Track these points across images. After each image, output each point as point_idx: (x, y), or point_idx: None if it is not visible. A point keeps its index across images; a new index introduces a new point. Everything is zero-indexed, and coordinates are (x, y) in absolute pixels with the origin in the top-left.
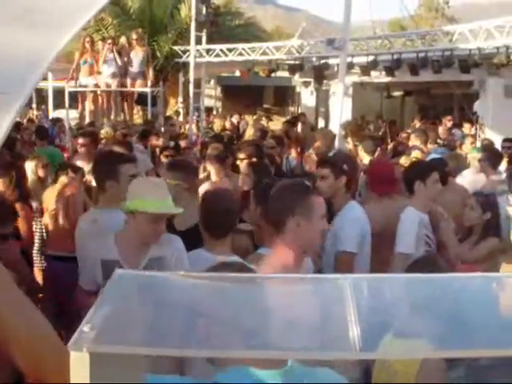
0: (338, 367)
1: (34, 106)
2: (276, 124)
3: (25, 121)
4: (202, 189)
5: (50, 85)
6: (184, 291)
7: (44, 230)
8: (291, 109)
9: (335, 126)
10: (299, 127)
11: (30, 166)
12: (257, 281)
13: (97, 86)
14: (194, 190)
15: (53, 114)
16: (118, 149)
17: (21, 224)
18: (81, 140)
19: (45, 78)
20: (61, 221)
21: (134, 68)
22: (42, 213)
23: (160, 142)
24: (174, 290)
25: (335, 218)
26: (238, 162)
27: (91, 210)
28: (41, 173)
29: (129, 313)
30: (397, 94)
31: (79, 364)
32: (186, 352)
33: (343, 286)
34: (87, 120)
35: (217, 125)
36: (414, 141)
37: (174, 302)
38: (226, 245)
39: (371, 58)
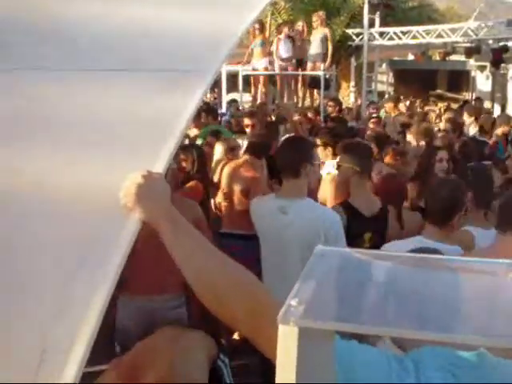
0: None
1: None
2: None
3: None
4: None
5: (223, 68)
6: (383, 269)
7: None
8: (465, 94)
9: None
10: None
11: (219, 149)
12: (450, 264)
13: (266, 69)
14: (368, 173)
15: (226, 97)
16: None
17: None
18: (246, 120)
19: None
20: (236, 201)
21: (313, 50)
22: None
23: None
24: (375, 267)
25: None
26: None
27: (271, 196)
28: (230, 155)
29: (332, 288)
30: None
31: (287, 337)
32: (390, 332)
33: None
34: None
35: (388, 108)
36: None
37: (376, 280)
38: (446, 232)
39: None
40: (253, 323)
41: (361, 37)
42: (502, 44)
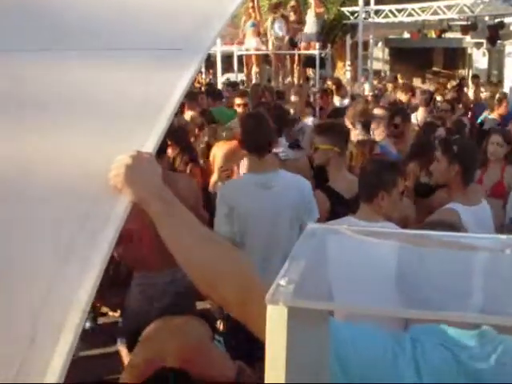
0: None
1: (203, 70)
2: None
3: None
4: None
5: (218, 49)
6: (378, 247)
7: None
8: (461, 72)
9: (509, 89)
10: (471, 91)
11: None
12: (446, 240)
13: (258, 49)
14: (345, 154)
15: (221, 78)
16: None
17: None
18: (238, 100)
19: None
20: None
21: (308, 29)
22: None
23: None
24: (368, 245)
25: None
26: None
27: (249, 175)
28: None
29: (323, 267)
30: None
31: (276, 318)
32: (382, 311)
33: None
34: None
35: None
36: None
37: (370, 258)
38: (375, 211)
39: None
40: (243, 307)
41: (356, 15)
42: (498, 21)
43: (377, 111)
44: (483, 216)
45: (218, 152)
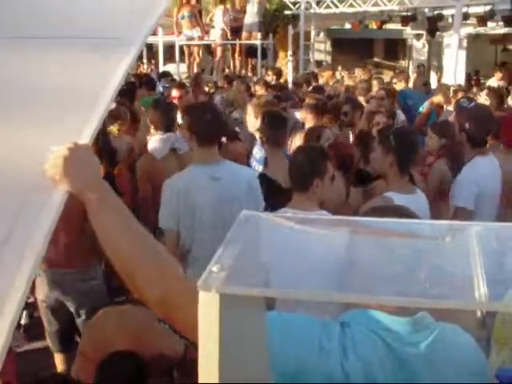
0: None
1: (144, 60)
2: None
3: None
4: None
5: (160, 39)
6: (312, 235)
7: None
8: (402, 62)
9: (448, 81)
10: (411, 80)
11: None
12: (380, 226)
13: (200, 38)
14: (279, 142)
15: (163, 68)
16: None
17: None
18: (174, 92)
19: (155, 33)
20: None
21: (249, 19)
22: None
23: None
24: (302, 233)
25: None
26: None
27: (194, 167)
28: None
29: (256, 254)
30: None
31: (208, 305)
32: (318, 296)
33: (470, 234)
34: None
35: (324, 78)
36: None
37: (300, 245)
38: (310, 199)
39: (488, 7)
40: (164, 306)
41: (298, 5)
42: (437, 12)
43: (308, 100)
44: (419, 205)
45: None
